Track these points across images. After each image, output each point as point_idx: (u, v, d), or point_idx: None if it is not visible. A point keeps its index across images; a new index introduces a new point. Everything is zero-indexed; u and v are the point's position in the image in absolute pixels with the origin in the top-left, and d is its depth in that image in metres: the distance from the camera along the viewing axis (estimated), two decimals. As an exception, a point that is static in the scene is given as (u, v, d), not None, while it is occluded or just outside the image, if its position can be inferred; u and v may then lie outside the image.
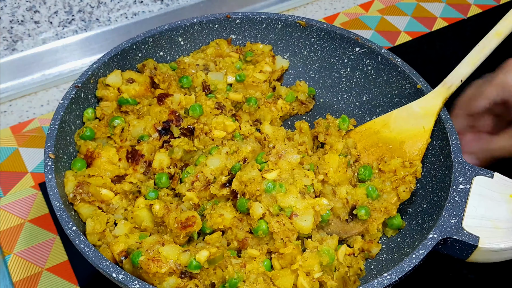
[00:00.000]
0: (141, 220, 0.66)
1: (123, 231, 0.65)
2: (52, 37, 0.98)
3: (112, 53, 0.78)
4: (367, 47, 0.83)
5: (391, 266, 0.67)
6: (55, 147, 0.67)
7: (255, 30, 0.88)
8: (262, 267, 0.63)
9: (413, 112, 0.75)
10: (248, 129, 0.76)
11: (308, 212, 0.66)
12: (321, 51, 0.88)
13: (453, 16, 1.15)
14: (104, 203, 0.68)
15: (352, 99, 0.88)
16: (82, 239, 0.59)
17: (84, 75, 0.75)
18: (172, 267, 0.58)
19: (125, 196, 0.69)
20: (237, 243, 0.66)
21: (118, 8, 1.01)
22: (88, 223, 0.64)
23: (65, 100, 0.72)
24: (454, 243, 0.62)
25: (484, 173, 0.67)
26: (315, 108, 0.89)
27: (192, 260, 0.59)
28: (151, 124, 0.73)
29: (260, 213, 0.65)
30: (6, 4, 0.90)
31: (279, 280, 0.61)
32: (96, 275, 0.73)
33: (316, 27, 0.86)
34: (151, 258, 0.58)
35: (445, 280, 0.75)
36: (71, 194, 0.66)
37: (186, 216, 0.64)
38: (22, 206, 0.80)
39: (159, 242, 0.61)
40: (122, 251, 0.62)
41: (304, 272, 0.62)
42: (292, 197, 0.66)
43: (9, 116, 0.93)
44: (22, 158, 0.85)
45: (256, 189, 0.66)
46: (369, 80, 0.85)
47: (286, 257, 0.64)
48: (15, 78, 0.96)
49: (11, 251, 0.75)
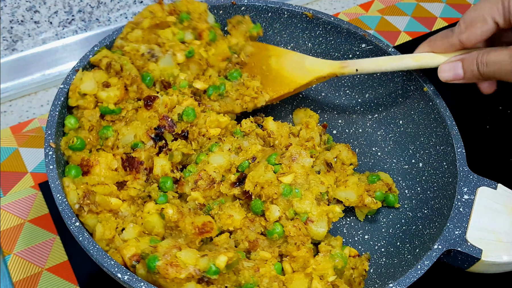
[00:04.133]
0: (152, 226, 0.64)
1: (132, 234, 0.62)
2: (52, 37, 0.98)
3: (114, 36, 0.76)
4: (374, 45, 0.82)
5: (391, 271, 0.67)
6: (55, 134, 0.65)
7: (260, 18, 0.86)
8: (273, 270, 0.62)
9: (303, 63, 0.79)
10: (249, 126, 0.76)
11: (322, 219, 0.66)
12: (326, 45, 0.87)
13: (453, 16, 1.15)
14: (112, 212, 0.65)
15: (354, 95, 0.87)
16: (86, 236, 0.57)
17: (85, 59, 0.72)
18: (192, 273, 0.56)
19: (132, 202, 0.67)
20: (247, 244, 0.65)
21: (118, 8, 1.01)
22: (98, 229, 0.61)
23: (65, 85, 0.69)
24: (458, 254, 0.62)
25: (488, 184, 0.67)
26: (315, 103, 0.89)
27: (211, 265, 0.57)
28: (142, 130, 0.70)
29: (277, 216, 0.65)
30: (6, 4, 0.90)
31: (292, 284, 0.60)
32: (96, 275, 0.73)
33: (323, 20, 0.85)
34: (169, 262, 0.56)
35: (445, 280, 0.75)
36: (76, 205, 0.62)
37: (203, 221, 0.62)
38: (22, 206, 0.80)
39: (175, 246, 0.59)
40: (133, 255, 0.59)
41: (317, 275, 0.62)
42: (308, 203, 0.66)
43: (9, 116, 0.93)
44: (22, 158, 0.85)
45: (274, 192, 0.66)
46: (373, 77, 0.85)
47: (299, 261, 0.63)
48: (15, 78, 0.96)
49: (11, 251, 0.75)
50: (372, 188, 0.74)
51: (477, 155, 0.82)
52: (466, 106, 0.97)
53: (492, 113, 0.97)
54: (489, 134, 0.93)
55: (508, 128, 0.94)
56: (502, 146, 0.92)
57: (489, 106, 0.97)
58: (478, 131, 0.93)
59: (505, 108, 0.97)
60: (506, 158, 0.90)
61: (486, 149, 0.91)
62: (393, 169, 0.82)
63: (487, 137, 0.93)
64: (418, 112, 0.80)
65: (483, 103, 0.98)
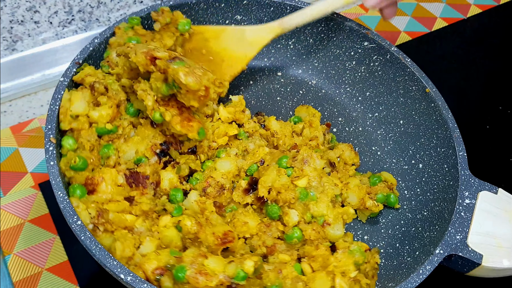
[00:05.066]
0: (170, 240, 0.63)
1: (151, 248, 0.61)
2: (52, 37, 0.98)
3: (110, 31, 0.75)
4: (377, 43, 0.82)
5: (391, 274, 0.68)
6: (56, 129, 0.64)
7: (262, 13, 0.86)
8: (294, 271, 0.62)
9: (244, 37, 0.77)
10: (253, 126, 0.76)
11: (338, 221, 0.68)
12: (327, 41, 0.87)
13: (453, 16, 1.15)
14: (127, 229, 0.63)
15: (354, 93, 0.87)
16: (88, 235, 0.56)
17: (85, 51, 0.71)
18: (222, 280, 0.56)
19: (146, 217, 0.65)
20: (265, 250, 0.65)
21: (118, 8, 1.01)
22: (118, 247, 0.59)
23: (65, 78, 0.68)
24: (458, 259, 0.62)
25: (489, 188, 0.67)
26: (315, 100, 0.89)
27: (239, 271, 0.57)
28: (144, 146, 0.68)
29: (296, 220, 0.66)
30: (6, 4, 0.89)
31: (315, 284, 0.61)
32: (96, 275, 0.73)
33: (325, 16, 0.84)
34: (198, 271, 0.56)
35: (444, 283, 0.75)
36: (90, 225, 0.60)
37: (223, 231, 0.62)
38: (22, 206, 0.80)
39: (200, 254, 0.58)
40: (156, 268, 0.58)
41: (339, 272, 0.62)
42: (324, 206, 0.67)
43: (9, 116, 0.92)
44: (22, 158, 0.85)
45: (292, 197, 0.66)
46: (375, 76, 0.84)
47: (318, 260, 0.64)
48: (15, 78, 0.96)
49: (11, 251, 0.74)
50: (374, 190, 0.74)
51: (477, 155, 0.82)
52: (466, 106, 0.97)
53: (492, 113, 0.97)
54: (489, 134, 0.93)
55: (508, 128, 0.94)
56: (502, 146, 0.92)
57: (489, 106, 0.97)
58: (478, 131, 0.93)
59: (505, 108, 0.97)
60: (506, 158, 0.90)
61: (486, 149, 0.91)
62: (392, 169, 0.81)
63: (487, 137, 0.93)
64: (419, 113, 0.79)
65: (483, 103, 0.98)
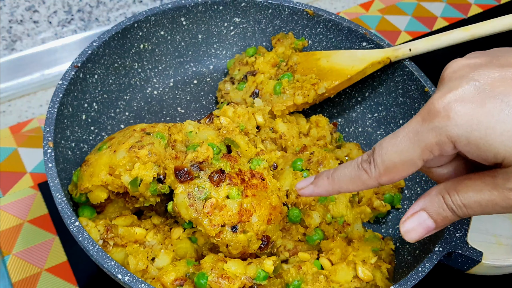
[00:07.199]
0: (184, 252, 0.63)
1: (167, 261, 0.61)
2: (51, 37, 0.98)
3: (113, 31, 0.75)
4: (375, 43, 0.82)
5: (391, 272, 0.67)
6: (54, 132, 0.64)
7: (261, 15, 0.86)
8: (314, 267, 0.63)
9: (355, 55, 0.79)
10: (266, 133, 0.76)
11: (357, 221, 0.69)
12: (326, 42, 0.87)
13: (454, 15, 1.15)
14: (138, 243, 0.63)
15: (354, 94, 0.87)
16: (86, 236, 0.56)
17: (84, 54, 0.71)
18: (244, 281, 0.57)
19: (158, 230, 0.64)
20: (287, 254, 0.66)
21: (118, 8, 1.01)
22: (131, 261, 0.59)
23: (64, 81, 0.68)
24: (458, 256, 0.62)
25: None
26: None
27: (260, 271, 0.58)
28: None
29: (318, 222, 0.66)
30: (5, 4, 0.89)
31: (337, 276, 0.61)
32: (95, 276, 0.73)
33: (323, 18, 0.85)
34: (219, 276, 0.56)
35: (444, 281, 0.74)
36: (100, 241, 0.60)
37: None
38: (21, 206, 0.80)
39: (219, 259, 0.59)
40: (176, 279, 0.58)
41: (360, 260, 0.63)
42: (343, 206, 0.68)
43: (8, 116, 0.92)
44: (21, 158, 0.85)
45: (312, 199, 0.66)
46: (374, 76, 0.84)
47: (336, 252, 0.64)
48: (14, 78, 0.96)
49: (10, 252, 0.74)
50: (381, 190, 0.74)
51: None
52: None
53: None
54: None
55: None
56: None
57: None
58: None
59: (505, 108, 0.97)
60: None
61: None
62: (393, 169, 0.81)
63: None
64: None
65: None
